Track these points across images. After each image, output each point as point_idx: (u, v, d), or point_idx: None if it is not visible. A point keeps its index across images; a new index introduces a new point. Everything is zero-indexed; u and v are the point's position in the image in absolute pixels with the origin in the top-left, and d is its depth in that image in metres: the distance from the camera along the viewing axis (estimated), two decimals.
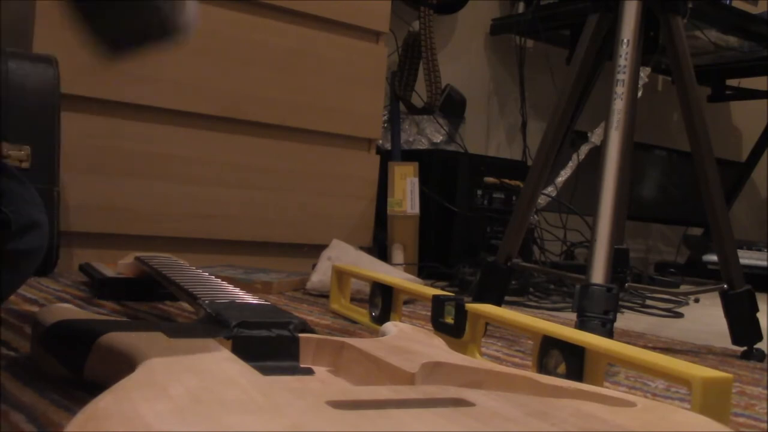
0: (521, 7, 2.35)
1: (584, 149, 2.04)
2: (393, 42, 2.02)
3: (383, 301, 0.94)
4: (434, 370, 0.51)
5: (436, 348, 0.58)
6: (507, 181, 1.94)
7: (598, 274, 0.86)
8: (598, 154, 0.95)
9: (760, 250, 2.43)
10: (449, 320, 0.79)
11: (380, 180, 1.77)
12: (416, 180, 1.79)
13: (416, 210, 1.77)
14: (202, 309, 0.63)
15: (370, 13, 1.70)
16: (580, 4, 2.07)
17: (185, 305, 0.98)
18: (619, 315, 1.07)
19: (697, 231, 2.80)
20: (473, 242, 1.87)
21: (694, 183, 1.05)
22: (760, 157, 2.74)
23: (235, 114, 1.54)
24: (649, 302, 1.58)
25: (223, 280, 0.79)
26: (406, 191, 1.78)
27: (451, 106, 2.17)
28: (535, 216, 1.91)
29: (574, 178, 2.02)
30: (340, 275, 1.07)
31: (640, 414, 0.41)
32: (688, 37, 1.48)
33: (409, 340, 0.60)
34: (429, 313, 0.82)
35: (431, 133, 2.13)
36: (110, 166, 1.38)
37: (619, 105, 0.92)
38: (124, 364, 0.48)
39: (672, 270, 2.29)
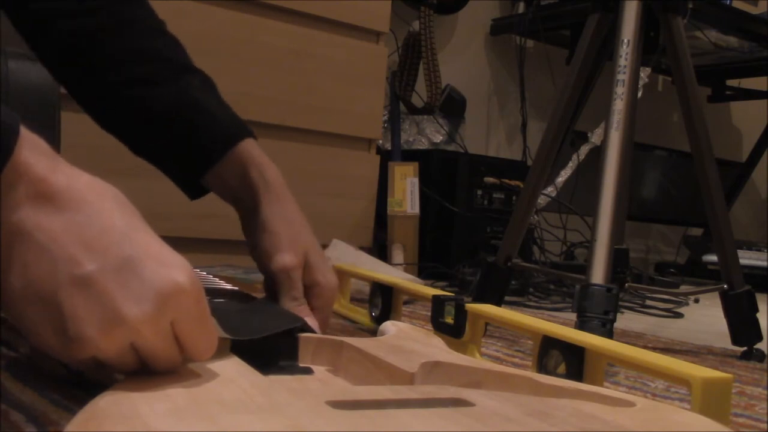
0: (521, 7, 2.35)
1: (584, 149, 2.04)
2: (393, 42, 2.02)
3: (383, 301, 0.94)
4: (433, 370, 0.51)
5: (435, 347, 0.58)
6: (507, 181, 1.94)
7: (598, 274, 0.86)
8: (598, 154, 0.95)
9: (760, 250, 2.43)
10: (449, 320, 0.79)
11: (380, 180, 1.77)
12: (416, 180, 1.79)
13: (416, 210, 1.77)
14: None
15: (370, 13, 1.70)
16: (580, 4, 2.07)
17: None
18: (619, 315, 1.07)
19: (697, 231, 2.80)
20: (473, 242, 1.87)
21: (694, 183, 1.05)
22: (760, 157, 2.74)
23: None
24: (649, 302, 1.58)
25: (223, 280, 0.79)
26: (406, 191, 1.78)
27: (451, 106, 2.17)
28: (535, 216, 1.91)
29: (574, 178, 2.02)
30: (340, 275, 1.07)
31: (640, 414, 0.41)
32: (688, 37, 1.48)
33: (407, 339, 0.60)
34: (429, 313, 0.82)
35: (431, 133, 2.13)
36: (110, 166, 1.38)
37: (619, 105, 0.92)
38: None
39: (672, 270, 2.29)
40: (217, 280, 0.79)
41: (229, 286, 0.73)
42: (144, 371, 0.43)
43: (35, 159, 0.42)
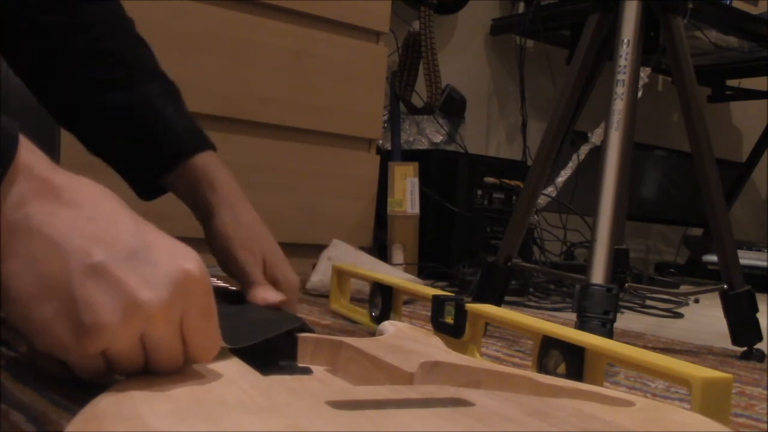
0: (521, 7, 2.35)
1: (584, 149, 2.04)
2: (393, 42, 2.02)
3: (383, 301, 0.94)
4: (433, 370, 0.51)
5: (434, 347, 0.58)
6: (507, 181, 1.94)
7: (598, 274, 0.86)
8: (598, 154, 0.95)
9: (760, 250, 2.43)
10: (449, 320, 0.79)
11: (380, 180, 1.77)
12: (416, 180, 1.79)
13: (416, 210, 1.77)
14: None
15: (370, 13, 1.70)
16: (580, 4, 2.07)
17: None
18: (619, 315, 1.07)
19: (697, 231, 2.80)
20: (473, 242, 1.87)
21: (694, 183, 1.05)
22: (760, 157, 2.74)
23: (235, 114, 1.54)
24: (649, 302, 1.58)
25: (222, 280, 0.79)
26: (406, 191, 1.78)
27: (451, 106, 2.17)
28: (535, 216, 1.91)
29: (574, 178, 2.02)
30: (340, 275, 1.07)
31: (640, 414, 0.41)
32: (688, 37, 1.48)
33: (407, 339, 0.60)
34: (429, 313, 0.82)
35: (431, 133, 2.13)
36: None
37: (619, 105, 0.92)
38: None
39: (672, 270, 2.29)
40: (215, 279, 0.79)
41: (228, 286, 0.73)
42: (143, 373, 0.43)
43: (35, 161, 0.42)
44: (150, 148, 0.76)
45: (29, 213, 0.41)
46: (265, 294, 0.70)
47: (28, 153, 0.42)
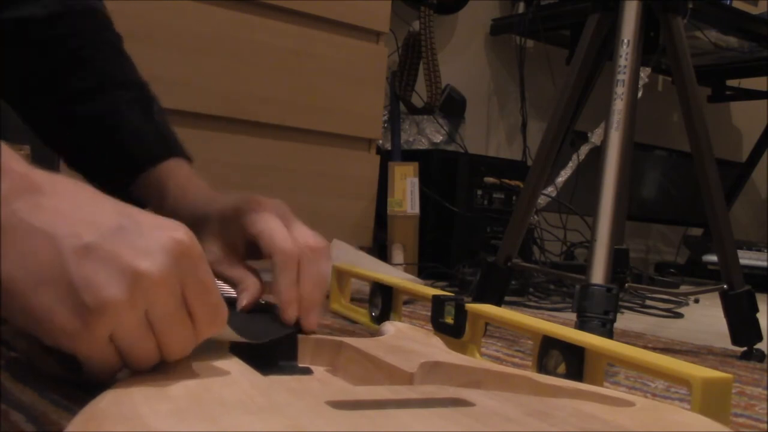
0: (521, 7, 2.35)
1: (584, 149, 2.04)
2: (393, 42, 2.02)
3: (383, 301, 0.94)
4: (433, 370, 0.51)
5: (435, 347, 0.58)
6: (507, 181, 1.94)
7: (598, 275, 0.86)
8: (598, 154, 0.95)
9: (760, 250, 2.43)
10: (449, 320, 0.79)
11: (380, 180, 1.77)
12: (416, 180, 1.79)
13: (416, 210, 1.77)
14: None
15: (370, 13, 1.70)
16: (580, 4, 2.07)
17: None
18: (619, 315, 1.07)
19: (697, 231, 2.80)
20: (473, 242, 1.87)
21: (694, 183, 1.05)
22: (760, 157, 2.74)
23: (235, 114, 1.54)
24: (649, 302, 1.58)
25: (221, 281, 0.79)
26: (406, 191, 1.78)
27: (451, 106, 2.17)
28: (535, 216, 1.91)
29: (574, 178, 2.02)
30: (340, 275, 1.07)
31: (640, 414, 0.41)
32: (688, 37, 1.48)
33: (407, 339, 0.60)
34: (429, 313, 0.82)
35: (431, 133, 2.13)
36: None
37: (619, 105, 0.92)
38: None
39: (672, 270, 2.29)
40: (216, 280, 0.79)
41: (227, 287, 0.73)
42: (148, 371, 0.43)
43: (13, 160, 0.43)
44: (115, 156, 0.76)
45: (15, 209, 0.41)
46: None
47: (6, 154, 0.43)
